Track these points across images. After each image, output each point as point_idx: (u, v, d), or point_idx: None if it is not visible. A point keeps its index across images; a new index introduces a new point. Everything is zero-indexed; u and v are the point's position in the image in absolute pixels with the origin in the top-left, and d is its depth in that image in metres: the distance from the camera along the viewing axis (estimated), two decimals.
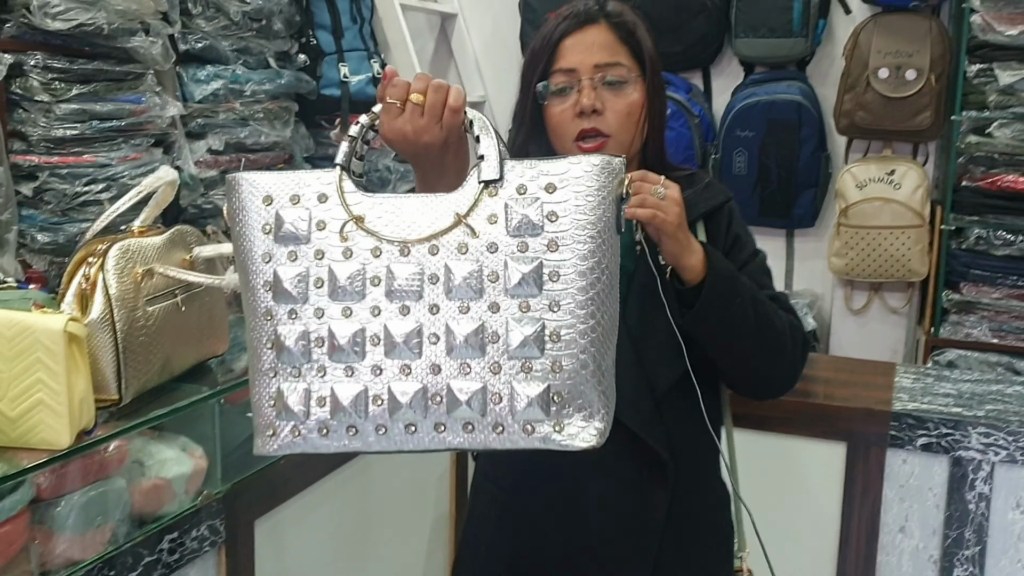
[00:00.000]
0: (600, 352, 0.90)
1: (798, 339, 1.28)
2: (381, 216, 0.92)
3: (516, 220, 0.90)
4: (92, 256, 1.41)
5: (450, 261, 0.90)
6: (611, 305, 0.91)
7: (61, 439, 1.25)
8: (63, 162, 2.37)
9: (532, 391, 0.87)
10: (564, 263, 0.88)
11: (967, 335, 2.85)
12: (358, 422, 0.90)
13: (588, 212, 0.89)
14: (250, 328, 0.96)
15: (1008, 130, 2.70)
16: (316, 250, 0.93)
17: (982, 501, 1.95)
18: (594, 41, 1.24)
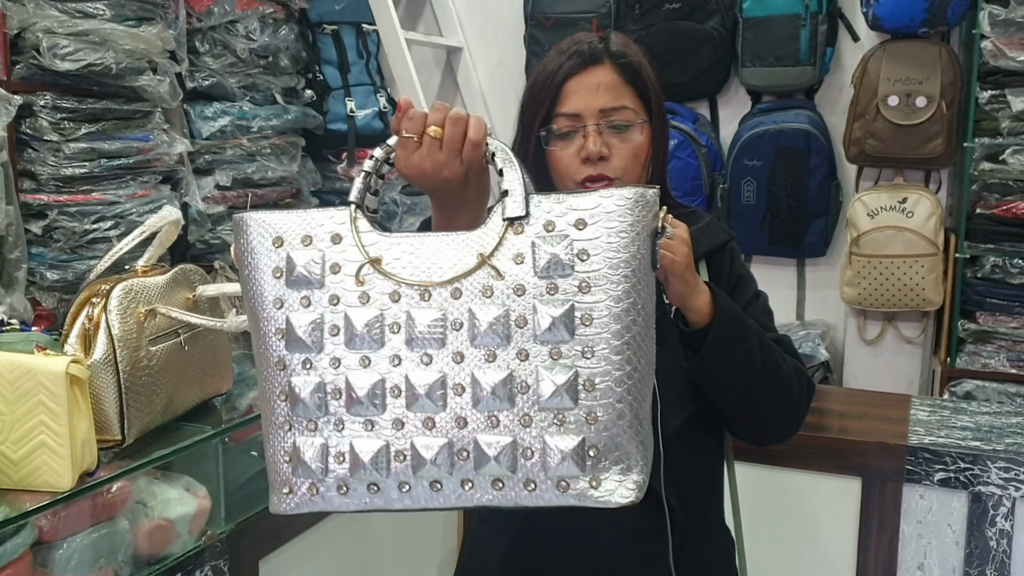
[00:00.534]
0: (637, 400, 0.85)
1: (803, 384, 1.25)
2: (399, 257, 0.86)
3: (544, 260, 0.84)
4: (96, 296, 1.41)
5: (474, 306, 0.84)
6: (647, 348, 0.86)
7: (63, 481, 1.24)
8: (72, 200, 2.38)
9: (566, 445, 0.82)
10: (597, 305, 0.83)
11: (984, 365, 2.81)
12: (379, 479, 0.84)
13: (621, 249, 0.83)
14: (263, 378, 0.90)
15: (1022, 156, 2.67)
16: (331, 295, 0.87)
17: (1003, 538, 1.90)
18: (599, 83, 1.20)
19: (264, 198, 2.99)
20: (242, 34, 2.82)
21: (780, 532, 1.98)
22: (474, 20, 3.47)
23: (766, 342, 1.21)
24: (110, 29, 2.32)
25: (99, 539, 1.33)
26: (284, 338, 0.88)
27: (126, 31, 2.36)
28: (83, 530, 1.32)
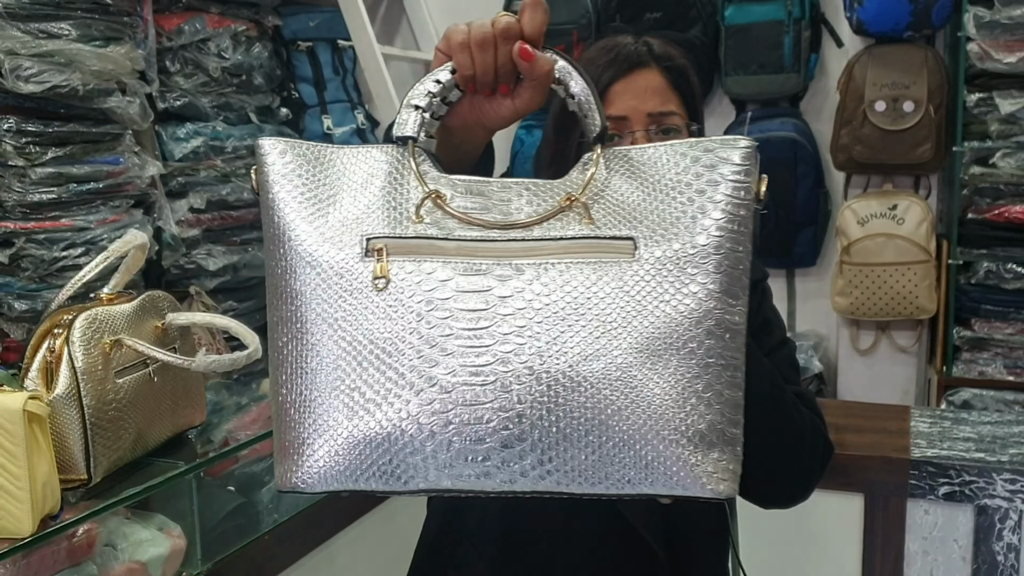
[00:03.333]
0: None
1: (818, 441, 1.15)
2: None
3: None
4: (57, 327, 1.33)
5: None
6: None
7: (23, 527, 1.16)
8: (40, 227, 2.29)
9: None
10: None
11: (981, 373, 2.76)
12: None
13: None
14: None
15: (1012, 160, 2.63)
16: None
17: (1011, 552, 1.84)
18: (647, 87, 1.15)
19: (240, 220, 2.91)
20: (214, 53, 2.75)
21: (782, 553, 1.92)
22: None
23: (779, 385, 1.12)
24: (76, 50, 2.24)
25: None
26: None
27: (93, 51, 2.29)
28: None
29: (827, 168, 3.03)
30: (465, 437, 0.70)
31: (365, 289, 0.74)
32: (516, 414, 0.70)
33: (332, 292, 0.75)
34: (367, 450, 0.72)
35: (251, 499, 1.65)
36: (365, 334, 0.73)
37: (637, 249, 0.74)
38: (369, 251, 0.75)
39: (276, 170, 0.79)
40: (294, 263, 0.76)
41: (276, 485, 0.77)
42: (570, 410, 0.70)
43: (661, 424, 0.71)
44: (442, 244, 0.74)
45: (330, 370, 0.74)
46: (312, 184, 0.78)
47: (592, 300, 0.72)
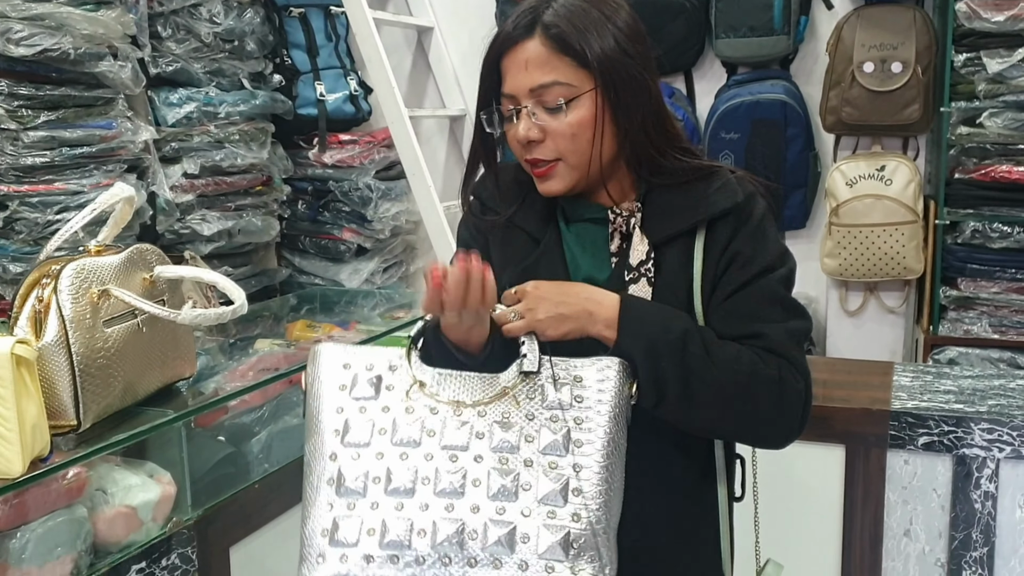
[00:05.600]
0: (610, 512, 1.05)
1: (786, 393, 1.11)
2: (440, 384, 1.10)
3: (550, 398, 1.08)
4: (46, 277, 1.36)
5: (495, 423, 1.07)
6: (619, 478, 1.08)
7: (13, 467, 1.19)
8: (33, 190, 2.33)
9: (555, 536, 1.02)
10: (588, 435, 1.06)
11: (967, 331, 2.79)
12: (401, 552, 1.03)
13: (608, 399, 1.07)
14: (312, 470, 1.09)
15: (999, 119, 2.64)
16: (383, 405, 1.09)
17: (988, 500, 1.87)
18: (527, 60, 1.12)
19: (234, 186, 2.94)
20: (205, 18, 2.76)
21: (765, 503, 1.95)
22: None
23: (697, 354, 1.09)
24: (66, 13, 2.26)
25: (56, 527, 1.29)
26: (339, 435, 1.08)
27: (83, 15, 2.31)
28: (38, 518, 1.27)
29: (817, 131, 3.04)
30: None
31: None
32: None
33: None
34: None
35: (241, 449, 1.69)
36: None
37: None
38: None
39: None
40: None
41: None
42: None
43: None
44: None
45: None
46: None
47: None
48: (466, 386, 1.10)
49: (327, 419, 1.09)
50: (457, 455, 1.06)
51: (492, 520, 1.03)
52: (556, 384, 1.09)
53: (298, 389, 1.85)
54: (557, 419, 1.07)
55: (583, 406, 1.07)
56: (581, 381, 1.08)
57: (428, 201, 3.00)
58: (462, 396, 1.09)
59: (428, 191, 2.99)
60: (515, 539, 1.02)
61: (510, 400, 1.08)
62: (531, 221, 1.24)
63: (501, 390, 1.09)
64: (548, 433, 1.06)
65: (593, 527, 1.03)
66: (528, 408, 1.08)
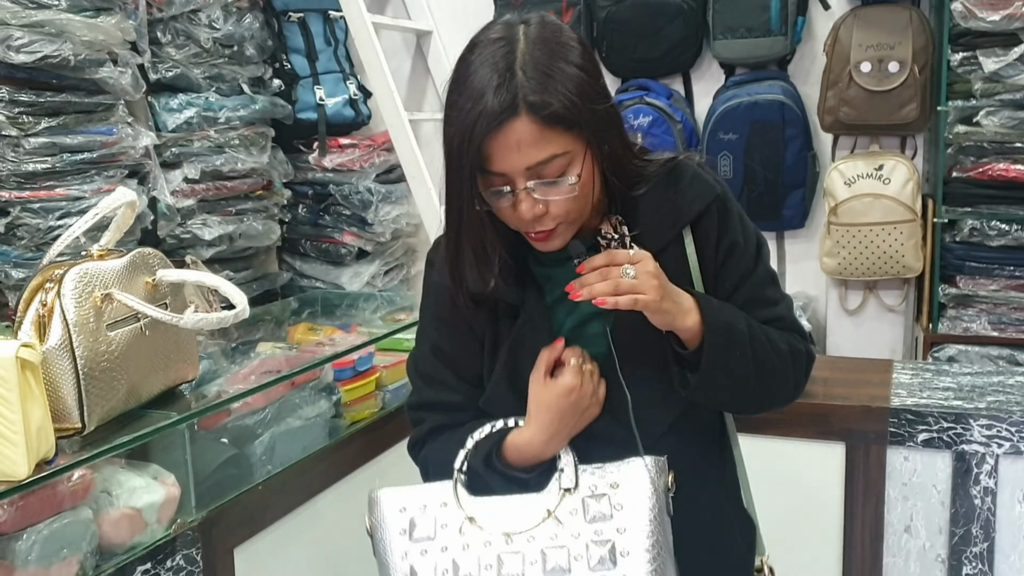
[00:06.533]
0: None
1: (800, 362, 1.22)
2: (489, 515, 1.16)
3: (592, 512, 1.13)
4: (49, 282, 1.37)
5: (544, 547, 1.13)
6: (671, 567, 1.13)
7: (19, 470, 1.20)
8: (35, 196, 2.34)
9: None
10: (633, 542, 1.11)
11: (966, 329, 2.79)
12: None
13: (646, 500, 1.12)
14: None
15: (996, 118, 2.65)
16: (442, 545, 1.16)
17: (988, 496, 1.88)
18: (519, 140, 1.05)
19: (235, 190, 2.95)
20: (205, 23, 2.78)
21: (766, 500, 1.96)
22: (442, 2, 3.43)
23: (759, 339, 1.16)
24: (66, 20, 2.28)
25: (61, 529, 1.30)
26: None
27: (83, 22, 2.32)
28: (43, 520, 1.28)
29: (815, 131, 3.05)
30: None
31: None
32: None
33: None
34: None
35: (244, 451, 1.69)
36: None
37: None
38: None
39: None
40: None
41: None
42: None
43: None
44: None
45: None
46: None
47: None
48: (513, 514, 1.15)
49: (395, 565, 1.18)
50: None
51: None
52: (595, 497, 1.13)
53: (300, 391, 1.87)
54: (601, 532, 1.12)
55: (623, 514, 1.12)
56: (618, 487, 1.13)
57: (428, 204, 3.01)
58: (510, 526, 1.15)
59: (428, 194, 3.00)
60: None
61: (555, 521, 1.13)
62: (508, 291, 1.20)
63: (545, 512, 1.14)
64: (595, 548, 1.11)
65: None
66: (572, 527, 1.13)
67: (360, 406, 2.00)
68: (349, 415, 1.98)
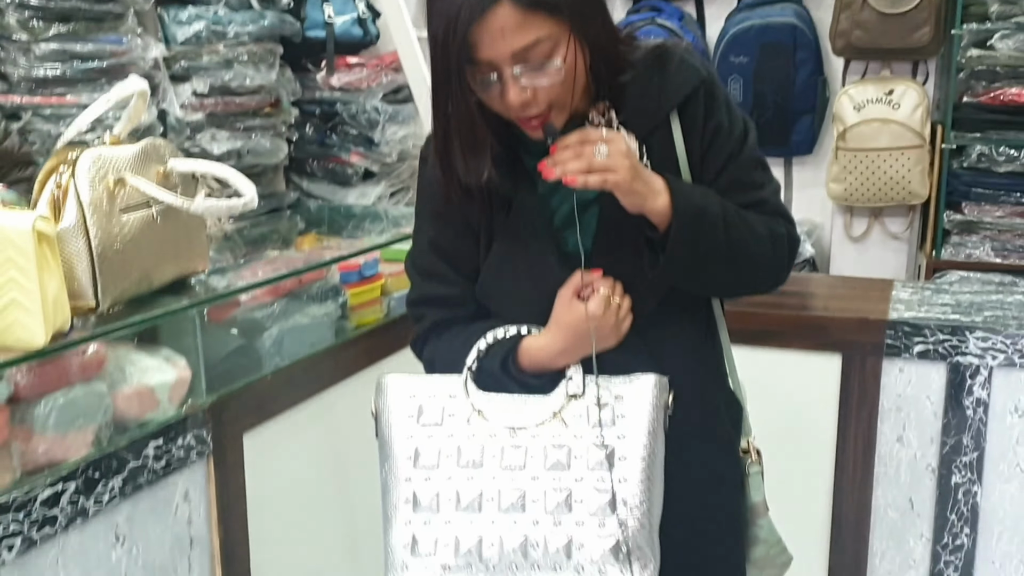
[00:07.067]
0: (652, 515, 1.17)
1: (781, 246, 1.24)
2: (496, 410, 1.21)
3: (595, 418, 1.18)
4: (63, 164, 1.40)
5: (547, 444, 1.19)
6: (660, 480, 1.19)
7: (36, 338, 1.24)
8: (46, 102, 2.35)
9: (607, 544, 1.15)
10: (631, 449, 1.17)
11: (969, 255, 2.81)
12: (473, 561, 1.17)
13: (647, 414, 1.18)
14: (390, 490, 1.22)
15: (1010, 41, 2.64)
16: (448, 433, 1.21)
17: (980, 407, 1.92)
18: (502, 27, 1.07)
19: (243, 106, 2.95)
20: None
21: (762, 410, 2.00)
22: None
23: (735, 223, 1.18)
24: None
25: (77, 399, 1.34)
26: (412, 460, 1.21)
27: None
28: (60, 389, 1.33)
29: (826, 56, 3.04)
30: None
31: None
32: None
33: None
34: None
35: (252, 343, 1.74)
36: None
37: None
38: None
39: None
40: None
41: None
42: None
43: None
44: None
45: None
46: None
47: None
48: (519, 412, 1.21)
49: (399, 446, 1.22)
50: (516, 475, 1.18)
51: (551, 532, 1.16)
52: (600, 405, 1.19)
53: (307, 290, 1.90)
54: (602, 437, 1.17)
55: (624, 423, 1.18)
56: (622, 399, 1.19)
57: None
58: (516, 422, 1.20)
59: None
60: (571, 548, 1.15)
61: (559, 422, 1.19)
62: (499, 181, 1.21)
63: (551, 414, 1.20)
64: (596, 451, 1.17)
65: (638, 533, 1.15)
66: (575, 428, 1.19)
67: (366, 311, 2.04)
68: (355, 319, 2.02)
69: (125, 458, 1.40)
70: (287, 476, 1.76)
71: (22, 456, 1.28)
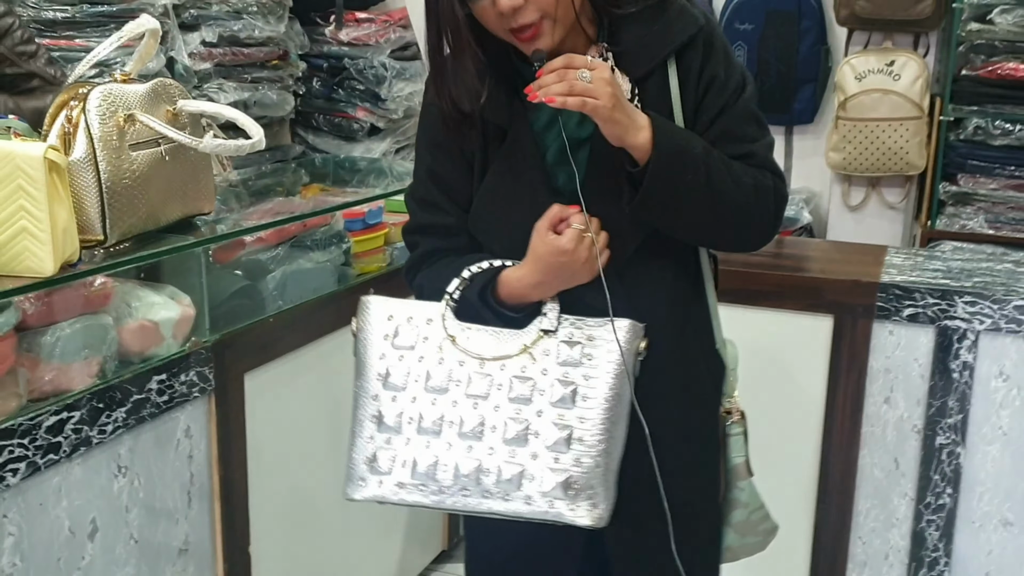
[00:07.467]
0: (610, 456, 1.18)
1: (766, 198, 1.23)
2: (469, 339, 1.22)
3: (564, 356, 1.19)
4: (74, 99, 1.42)
5: (513, 375, 1.20)
6: (623, 423, 1.20)
7: (45, 266, 1.27)
8: (55, 44, 2.36)
9: (558, 478, 1.17)
10: (593, 391, 1.18)
11: (963, 227, 2.85)
12: (427, 483, 1.20)
13: (615, 359, 1.18)
14: (359, 406, 1.25)
15: (1010, 16, 2.65)
16: (419, 356, 1.22)
17: (966, 370, 1.96)
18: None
19: (251, 57, 2.97)
20: None
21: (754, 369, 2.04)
22: None
23: (717, 168, 1.18)
24: None
25: (83, 330, 1.38)
26: (382, 379, 1.23)
27: None
28: (67, 319, 1.36)
29: (830, 25, 3.05)
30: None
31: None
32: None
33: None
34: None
35: (256, 285, 1.77)
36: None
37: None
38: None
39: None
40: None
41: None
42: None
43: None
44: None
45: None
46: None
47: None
48: (491, 343, 1.22)
49: (372, 364, 1.24)
50: (478, 403, 1.19)
51: (505, 461, 1.17)
52: (570, 344, 1.19)
53: (311, 235, 1.93)
54: (568, 375, 1.18)
55: (592, 364, 1.18)
56: (593, 340, 1.19)
57: None
58: (486, 352, 1.21)
59: None
60: (522, 479, 1.17)
61: (528, 356, 1.20)
62: (496, 112, 1.23)
63: (521, 347, 1.21)
64: (559, 388, 1.18)
65: (592, 471, 1.17)
66: (544, 364, 1.19)
67: (369, 259, 2.08)
68: (358, 267, 2.05)
69: (129, 391, 1.44)
70: (286, 417, 1.81)
71: (28, 383, 1.32)
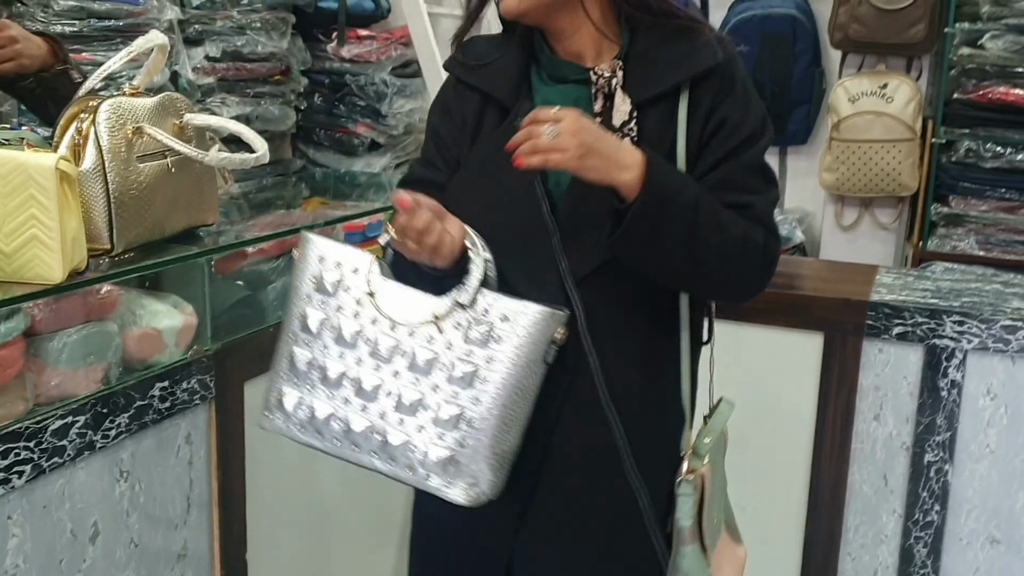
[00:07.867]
0: (499, 442, 1.16)
1: (753, 254, 1.18)
2: (387, 297, 1.21)
3: (472, 334, 1.17)
4: (84, 112, 1.46)
5: (418, 344, 1.18)
6: (520, 413, 1.17)
7: (55, 274, 1.30)
8: None
9: (440, 454, 1.17)
10: (493, 374, 1.15)
11: (954, 248, 2.89)
12: (323, 429, 1.23)
13: (523, 346, 1.15)
14: (281, 339, 1.27)
15: (1000, 41, 2.71)
16: (337, 305, 1.22)
17: (954, 388, 1.99)
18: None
19: (254, 73, 3.01)
20: None
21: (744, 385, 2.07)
22: None
23: (707, 215, 1.13)
24: None
25: (89, 336, 1.41)
26: (300, 322, 1.24)
27: None
28: (74, 326, 1.39)
29: (824, 48, 3.10)
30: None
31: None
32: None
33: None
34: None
35: (257, 295, 1.80)
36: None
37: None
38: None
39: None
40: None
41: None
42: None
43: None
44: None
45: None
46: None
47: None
48: (407, 305, 1.19)
49: (296, 304, 1.25)
50: (381, 366, 1.19)
51: (393, 428, 1.18)
52: (480, 322, 1.16)
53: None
54: (471, 354, 1.16)
55: (498, 347, 1.15)
56: (506, 321, 1.15)
57: None
58: (399, 314, 1.19)
59: None
60: (406, 448, 1.18)
61: (435, 327, 1.18)
62: (502, 88, 1.25)
63: (432, 316, 1.18)
64: (460, 366, 1.16)
65: (475, 455, 1.15)
66: (451, 337, 1.17)
67: None
68: None
69: (132, 397, 1.46)
70: None
71: (35, 387, 1.35)
